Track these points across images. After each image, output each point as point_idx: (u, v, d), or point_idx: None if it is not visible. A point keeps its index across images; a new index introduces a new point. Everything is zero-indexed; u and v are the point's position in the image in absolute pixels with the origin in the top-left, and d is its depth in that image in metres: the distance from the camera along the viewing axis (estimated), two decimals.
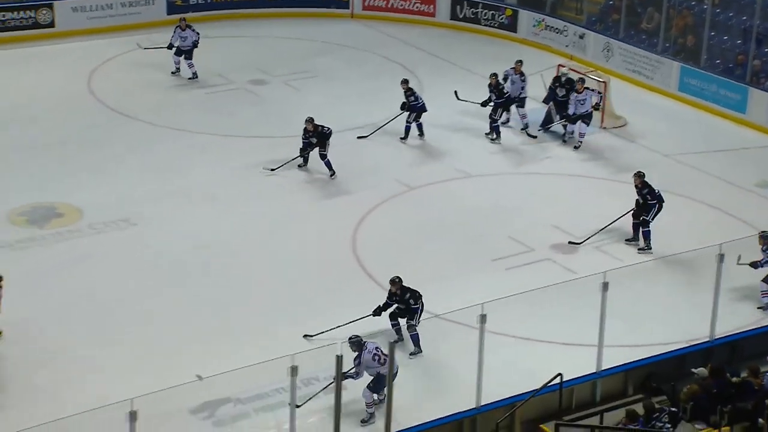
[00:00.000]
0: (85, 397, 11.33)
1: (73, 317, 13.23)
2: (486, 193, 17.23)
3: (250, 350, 12.17)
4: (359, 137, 18.67)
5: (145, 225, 15.50)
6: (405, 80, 18.83)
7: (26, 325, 12.96)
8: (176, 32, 20.66)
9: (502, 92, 18.89)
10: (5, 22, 22.29)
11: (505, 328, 12.22)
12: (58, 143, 17.95)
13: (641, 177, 15.45)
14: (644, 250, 15.42)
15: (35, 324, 13.00)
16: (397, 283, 12.66)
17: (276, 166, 16.97)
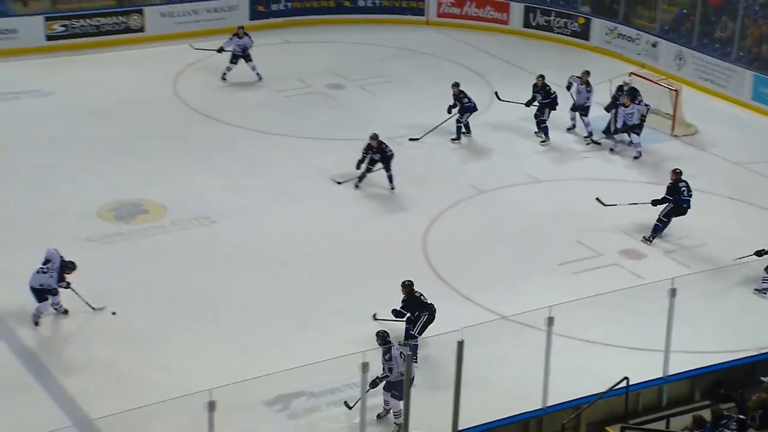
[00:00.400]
0: (170, 384, 11.57)
1: (158, 308, 13.49)
2: (554, 199, 17.08)
3: (322, 346, 12.26)
4: (411, 139, 18.67)
5: (225, 222, 15.71)
6: (456, 83, 18.89)
7: (117, 315, 13.24)
8: (233, 39, 20.90)
9: (549, 93, 18.88)
10: (99, 27, 22.78)
11: (572, 331, 12.11)
12: (144, 142, 18.26)
13: (678, 174, 15.59)
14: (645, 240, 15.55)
15: (123, 314, 13.28)
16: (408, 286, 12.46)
17: (343, 180, 16.90)
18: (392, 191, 16.77)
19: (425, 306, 12.47)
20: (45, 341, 12.67)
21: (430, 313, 12.44)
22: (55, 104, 19.70)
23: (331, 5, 25.21)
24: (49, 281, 12.91)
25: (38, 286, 12.90)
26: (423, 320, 12.39)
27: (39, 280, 12.90)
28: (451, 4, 25.42)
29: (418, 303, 12.48)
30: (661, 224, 15.56)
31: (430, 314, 12.44)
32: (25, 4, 22.95)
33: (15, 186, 16.37)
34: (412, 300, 12.47)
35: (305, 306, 13.72)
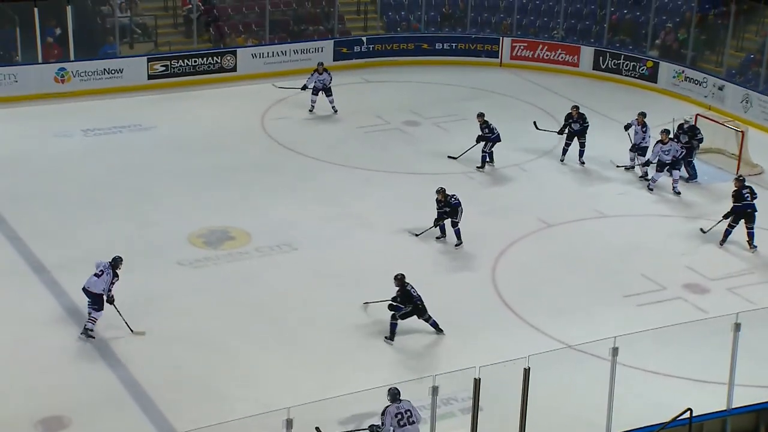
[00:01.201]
0: (251, 401, 11.62)
1: (243, 329, 13.60)
2: (620, 233, 16.78)
3: (395, 368, 12.20)
4: (449, 157, 19.03)
5: (306, 249, 15.81)
6: (481, 114, 19.10)
7: (204, 334, 13.42)
8: (314, 75, 21.23)
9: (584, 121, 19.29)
10: (196, 67, 23.30)
11: (636, 362, 11.82)
12: (233, 173, 18.52)
13: (741, 181, 16.35)
14: None
15: (211, 333, 13.44)
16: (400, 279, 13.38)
17: (419, 232, 16.29)
18: (457, 247, 15.93)
19: (412, 298, 13.30)
20: (138, 355, 12.84)
21: (414, 306, 13.30)
22: (154, 138, 20.14)
23: (410, 47, 25.34)
24: (103, 284, 12.99)
25: (95, 290, 13.02)
26: (407, 310, 13.32)
27: (96, 284, 13.02)
28: (524, 47, 25.33)
29: (408, 295, 13.32)
30: (731, 228, 16.13)
31: (414, 307, 13.30)
32: (131, 47, 23.61)
33: (114, 211, 16.73)
34: (404, 293, 13.36)
35: (380, 330, 13.66)
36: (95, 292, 13.08)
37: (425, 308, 13.48)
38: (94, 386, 12.23)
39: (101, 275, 13.16)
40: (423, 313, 13.48)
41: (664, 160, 18.10)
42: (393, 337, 13.40)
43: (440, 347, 13.11)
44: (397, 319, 13.41)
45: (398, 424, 10.26)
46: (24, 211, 16.41)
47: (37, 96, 21.36)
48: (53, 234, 15.76)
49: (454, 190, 17.60)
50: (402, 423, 10.28)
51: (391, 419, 10.30)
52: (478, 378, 9.73)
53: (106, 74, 22.38)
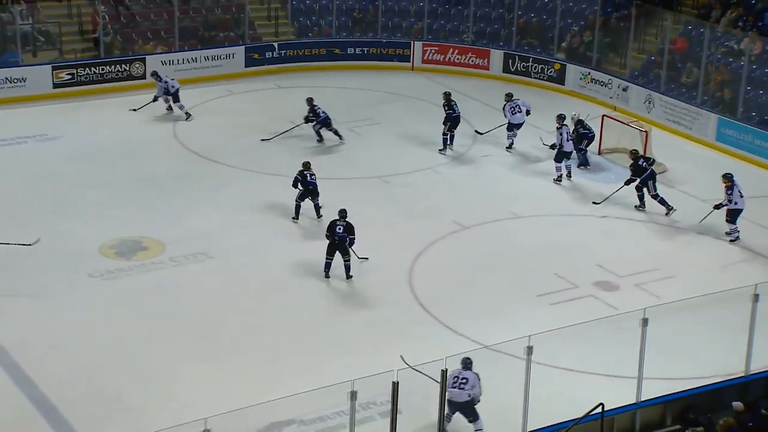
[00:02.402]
0: (169, 413, 11.46)
1: (158, 340, 13.41)
2: (534, 233, 17.11)
3: (313, 375, 12.20)
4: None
5: (221, 257, 15.67)
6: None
7: (118, 347, 13.18)
8: (159, 85, 21.23)
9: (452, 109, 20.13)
10: (103, 75, 22.85)
11: (550, 360, 12.05)
12: (144, 183, 18.26)
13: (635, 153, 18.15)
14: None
15: (126, 345, 13.21)
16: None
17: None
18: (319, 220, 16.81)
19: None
20: (48, 371, 12.53)
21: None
22: (61, 148, 19.69)
23: (322, 53, 25.36)
24: None
25: None
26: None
27: None
28: (435, 51, 25.60)
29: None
30: (659, 198, 17.70)
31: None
32: (34, 55, 23.02)
33: (20, 225, 16.28)
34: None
35: (296, 336, 13.66)
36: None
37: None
38: (2, 406, 11.87)
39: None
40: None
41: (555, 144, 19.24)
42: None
43: (357, 351, 13.14)
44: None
45: (452, 385, 11.26)
46: None
47: None
48: None
49: (369, 194, 17.75)
50: (453, 385, 11.31)
51: (449, 378, 11.12)
52: (397, 381, 9.79)
53: (9, 83, 21.80)
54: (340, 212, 15.15)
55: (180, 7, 24.25)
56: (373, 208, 17.60)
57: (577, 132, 19.70)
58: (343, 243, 14.98)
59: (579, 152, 19.76)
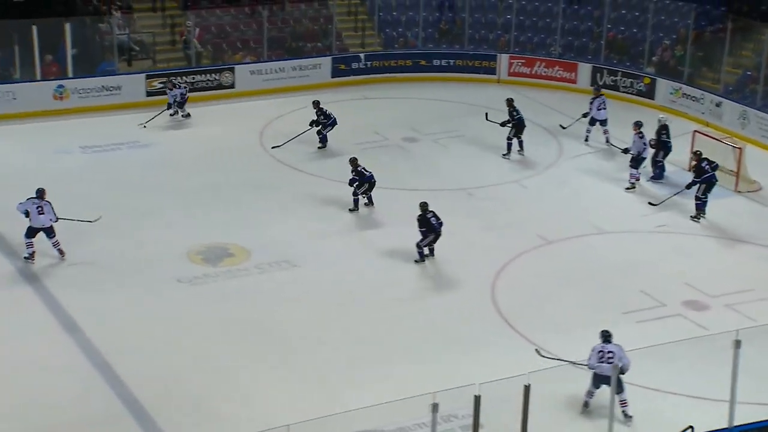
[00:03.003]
0: (249, 419, 11.58)
1: (241, 346, 13.57)
2: (619, 249, 16.80)
3: (393, 385, 12.17)
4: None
5: (306, 266, 15.79)
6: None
7: (203, 351, 13.39)
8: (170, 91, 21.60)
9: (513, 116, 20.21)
10: (194, 84, 23.36)
11: (636, 379, 11.80)
12: (232, 190, 18.53)
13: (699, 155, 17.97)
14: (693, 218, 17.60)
15: (209, 351, 13.40)
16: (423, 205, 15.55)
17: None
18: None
19: (433, 228, 15.60)
20: (136, 372, 12.80)
21: (435, 234, 15.63)
22: (152, 155, 20.17)
23: (407, 64, 25.43)
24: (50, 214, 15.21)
25: (48, 224, 15.23)
26: (430, 239, 15.71)
27: (45, 219, 15.16)
28: (522, 64, 25.42)
29: (427, 222, 15.57)
30: (701, 202, 17.59)
31: (436, 235, 15.64)
32: (129, 64, 23.67)
33: (113, 228, 16.70)
34: (424, 219, 15.61)
35: (377, 346, 13.66)
36: (48, 226, 15.21)
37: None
38: (94, 404, 12.18)
39: (43, 210, 15.15)
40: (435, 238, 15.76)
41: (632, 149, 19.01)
42: (423, 258, 15.86)
43: (440, 364, 13.07)
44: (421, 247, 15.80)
45: (599, 360, 11.85)
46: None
47: (35, 113, 21.40)
48: (51, 250, 15.72)
49: (453, 206, 17.67)
50: (602, 360, 11.80)
51: (594, 355, 11.93)
52: (479, 395, 9.70)
53: (105, 91, 22.43)
54: (424, 204, 15.76)
55: (269, 18, 24.63)
56: (457, 220, 17.47)
57: (659, 138, 19.20)
58: (439, 232, 15.77)
59: (655, 165, 19.21)
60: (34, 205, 15.31)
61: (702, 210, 17.59)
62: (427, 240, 15.77)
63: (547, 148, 21.06)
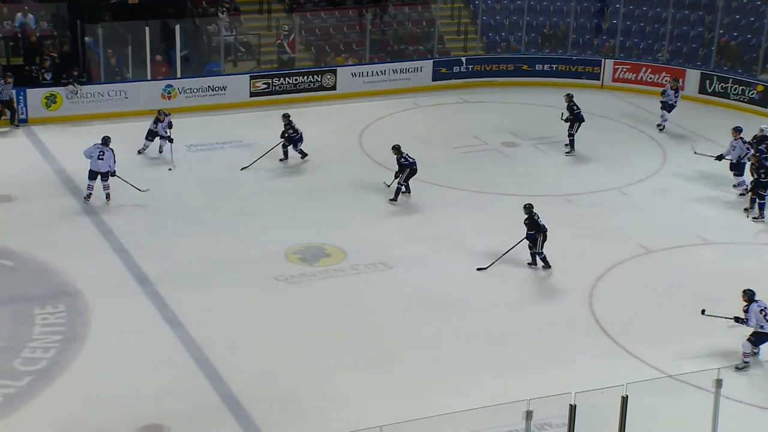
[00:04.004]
0: (341, 419, 11.67)
1: (336, 346, 13.70)
2: (723, 260, 16.32)
3: (487, 391, 12.08)
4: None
5: (401, 268, 15.83)
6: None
7: (298, 349, 13.56)
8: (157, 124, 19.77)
9: (573, 110, 20.19)
10: (296, 85, 23.71)
11: (740, 395, 11.41)
12: (330, 191, 18.72)
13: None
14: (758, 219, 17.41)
15: (304, 350, 13.57)
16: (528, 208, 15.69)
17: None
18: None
19: (540, 227, 15.52)
20: (234, 368, 13.06)
21: (543, 233, 15.56)
22: (254, 154, 20.52)
23: (509, 68, 25.24)
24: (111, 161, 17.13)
25: (104, 169, 17.09)
26: (540, 239, 15.57)
27: (103, 165, 16.98)
28: (627, 69, 24.92)
29: (535, 224, 15.49)
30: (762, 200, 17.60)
31: (544, 234, 15.57)
32: (234, 65, 24.21)
33: (213, 226, 17.09)
34: (532, 220, 15.55)
35: (474, 352, 13.59)
36: (105, 170, 16.97)
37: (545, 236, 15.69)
38: (193, 397, 12.48)
39: (103, 156, 16.88)
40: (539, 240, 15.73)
41: (727, 156, 18.80)
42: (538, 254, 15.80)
43: (535, 371, 12.92)
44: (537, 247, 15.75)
45: (764, 318, 12.77)
46: (131, 224, 16.93)
47: (145, 112, 22.07)
48: (156, 247, 16.19)
49: (551, 213, 17.43)
50: (766, 316, 12.78)
51: (756, 315, 12.86)
52: (574, 404, 9.55)
53: (211, 91, 22.98)
54: (529, 206, 15.83)
55: (372, 21, 24.81)
56: (556, 226, 17.23)
57: (759, 150, 18.47)
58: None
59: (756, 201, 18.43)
60: (97, 149, 17.28)
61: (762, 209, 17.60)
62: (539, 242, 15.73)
63: (649, 156, 20.58)
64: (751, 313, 12.97)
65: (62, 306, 14.38)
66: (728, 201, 18.49)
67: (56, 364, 13.03)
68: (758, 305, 12.97)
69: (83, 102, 21.94)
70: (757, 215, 17.61)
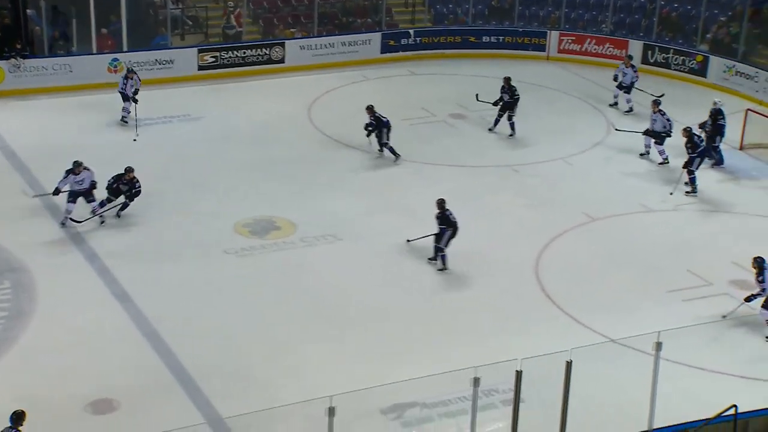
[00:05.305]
0: (294, 390, 11.71)
1: (287, 318, 13.71)
2: (666, 228, 16.60)
3: (437, 360, 12.21)
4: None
5: (351, 240, 15.87)
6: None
7: (249, 322, 13.55)
8: (127, 81, 19.93)
9: (513, 94, 19.82)
10: (245, 59, 23.48)
11: (680, 357, 11.68)
12: (280, 164, 18.64)
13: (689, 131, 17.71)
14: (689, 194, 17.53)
15: (256, 321, 13.56)
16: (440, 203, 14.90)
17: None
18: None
19: (451, 223, 14.77)
20: (184, 342, 13.02)
21: (454, 229, 14.75)
22: (203, 128, 20.35)
23: (457, 40, 25.26)
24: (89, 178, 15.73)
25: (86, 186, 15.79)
26: (447, 235, 14.84)
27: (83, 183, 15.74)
28: (572, 41, 25.10)
29: (447, 219, 14.78)
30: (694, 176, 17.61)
31: (454, 230, 14.76)
32: (182, 38, 23.88)
33: (163, 200, 16.93)
34: (444, 216, 14.83)
35: (420, 321, 13.70)
36: (86, 188, 15.71)
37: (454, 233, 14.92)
38: (143, 372, 12.42)
39: (82, 179, 15.59)
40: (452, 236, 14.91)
41: (653, 127, 18.92)
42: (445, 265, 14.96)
43: (485, 340, 13.08)
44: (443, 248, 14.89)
45: None
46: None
47: (91, 86, 21.70)
48: (105, 222, 16.00)
49: (500, 184, 17.61)
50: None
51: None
52: (520, 370, 9.70)
53: (158, 64, 22.66)
54: (442, 201, 15.03)
55: None
56: (503, 197, 17.45)
57: (715, 122, 18.79)
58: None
59: (714, 150, 18.81)
60: (72, 177, 15.77)
61: (693, 184, 17.73)
62: (446, 237, 14.93)
63: (594, 126, 20.80)
64: (766, 279, 13.13)
65: (7, 282, 14.19)
66: (670, 170, 18.77)
67: (3, 341, 12.88)
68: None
69: (27, 76, 21.48)
70: (689, 190, 17.73)
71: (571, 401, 9.93)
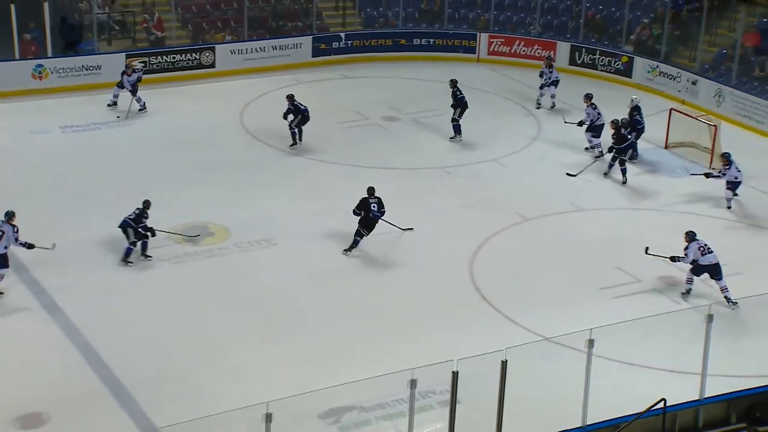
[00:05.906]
0: (232, 395, 11.60)
1: (223, 324, 13.57)
2: (597, 226, 16.89)
3: (369, 363, 12.23)
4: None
5: (285, 244, 15.78)
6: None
7: (185, 329, 13.38)
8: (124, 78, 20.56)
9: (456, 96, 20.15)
10: (174, 64, 23.18)
11: (611, 354, 11.88)
12: (212, 169, 18.46)
13: (616, 123, 18.46)
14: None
15: (192, 328, 13.40)
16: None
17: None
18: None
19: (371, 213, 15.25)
20: (117, 351, 12.78)
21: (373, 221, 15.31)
22: (132, 134, 20.02)
23: (387, 43, 25.34)
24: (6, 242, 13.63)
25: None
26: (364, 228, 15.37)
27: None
28: (501, 43, 25.39)
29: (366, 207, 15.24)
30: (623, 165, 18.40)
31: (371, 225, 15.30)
32: (109, 43, 23.45)
33: (93, 207, 16.61)
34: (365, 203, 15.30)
35: (357, 324, 13.70)
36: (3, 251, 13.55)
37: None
38: (73, 383, 12.16)
39: (0, 236, 13.51)
40: None
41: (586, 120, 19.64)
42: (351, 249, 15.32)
43: (421, 341, 13.13)
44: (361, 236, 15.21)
45: (701, 254, 14.13)
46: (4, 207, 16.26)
47: (14, 93, 21.18)
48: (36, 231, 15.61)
49: (432, 184, 17.70)
50: (703, 252, 14.16)
51: (694, 252, 14.17)
52: (456, 371, 9.75)
53: (84, 71, 22.22)
54: (371, 189, 15.47)
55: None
56: (436, 198, 17.55)
57: (632, 118, 19.30)
58: (377, 220, 15.31)
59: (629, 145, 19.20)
60: None
61: (623, 174, 18.41)
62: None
63: (525, 126, 21.08)
64: (690, 250, 14.23)
65: None
66: (600, 168, 19.10)
67: None
68: (698, 243, 14.22)
69: None
70: (623, 181, 18.30)
71: (507, 400, 10.02)
